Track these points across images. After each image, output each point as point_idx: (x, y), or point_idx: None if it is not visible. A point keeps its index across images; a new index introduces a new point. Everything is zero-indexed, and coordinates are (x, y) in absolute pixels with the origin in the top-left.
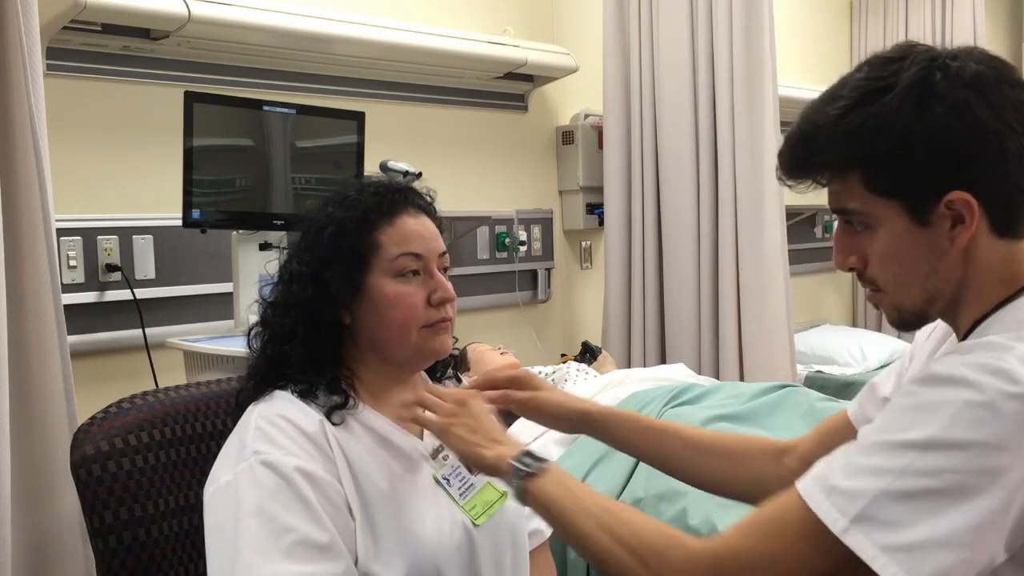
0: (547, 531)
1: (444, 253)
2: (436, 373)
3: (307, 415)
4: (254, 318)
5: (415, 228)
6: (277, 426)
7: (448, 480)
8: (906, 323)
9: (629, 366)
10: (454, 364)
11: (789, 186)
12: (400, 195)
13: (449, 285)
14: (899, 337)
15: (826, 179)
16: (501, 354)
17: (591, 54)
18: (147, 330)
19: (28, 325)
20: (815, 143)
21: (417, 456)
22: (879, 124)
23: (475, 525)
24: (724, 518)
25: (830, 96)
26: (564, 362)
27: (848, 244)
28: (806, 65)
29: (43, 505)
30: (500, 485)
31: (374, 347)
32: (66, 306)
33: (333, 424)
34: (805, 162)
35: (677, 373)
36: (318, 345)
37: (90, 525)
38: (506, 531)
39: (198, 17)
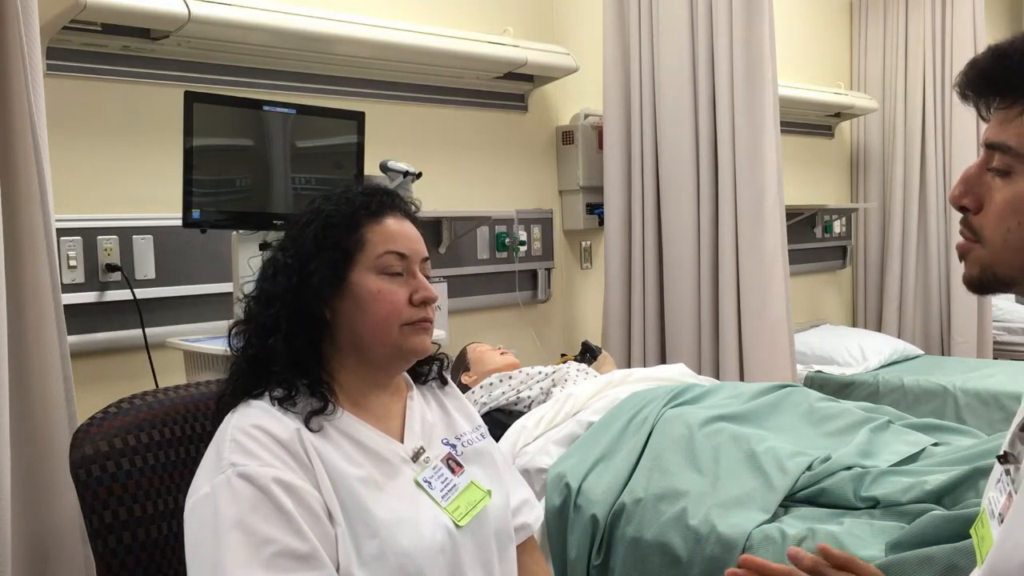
0: (535, 525)
1: (427, 259)
2: (421, 378)
3: (282, 424)
4: (238, 314)
5: (400, 230)
6: (252, 437)
7: (430, 483)
8: (986, 286)
9: (629, 366)
10: (440, 367)
11: (959, 95)
12: (388, 198)
13: (431, 287)
14: (899, 337)
15: (1002, 105)
16: (501, 354)
17: (591, 54)
18: (147, 330)
19: (28, 325)
20: (1021, 62)
21: (397, 460)
22: None
23: (458, 526)
24: (723, 518)
25: None
26: (564, 362)
27: (973, 181)
28: (806, 65)
29: (43, 505)
30: (484, 484)
31: (354, 345)
32: (66, 306)
33: (311, 431)
34: (996, 77)
35: (677, 373)
36: (300, 341)
37: (89, 526)
38: (491, 529)
39: (198, 17)
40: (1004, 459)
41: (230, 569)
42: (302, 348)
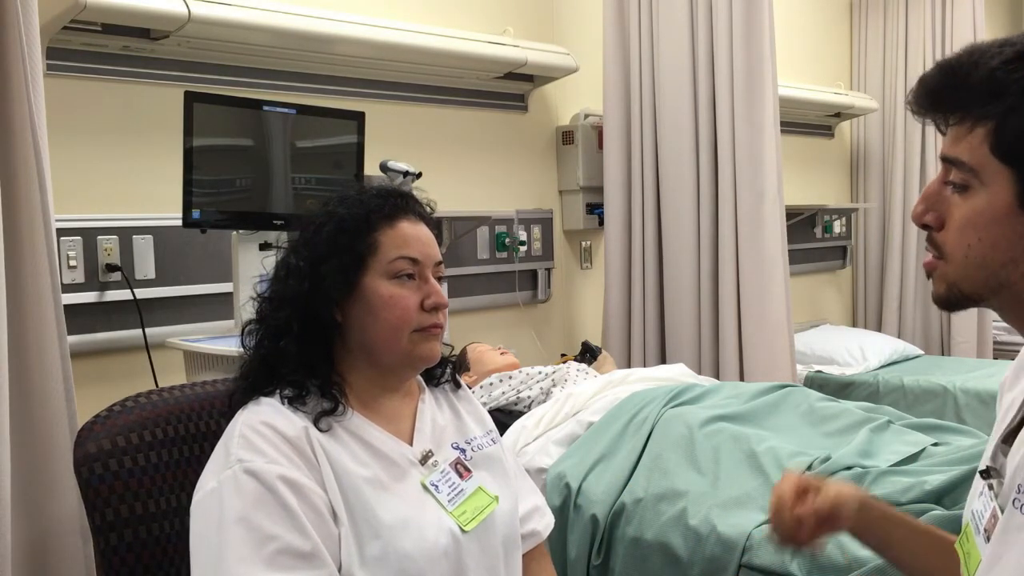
0: (544, 532)
1: (440, 263)
2: (433, 380)
3: (291, 421)
4: (248, 315)
5: (414, 233)
6: (261, 433)
7: (436, 486)
8: (953, 303)
9: (629, 366)
10: (454, 368)
11: (913, 112)
12: (402, 200)
13: (443, 293)
14: (899, 337)
15: (954, 121)
16: (501, 354)
17: (591, 54)
18: (147, 330)
19: (28, 325)
20: (967, 79)
21: (405, 463)
22: None
23: (464, 531)
24: (723, 518)
25: (1006, 41)
26: (564, 362)
27: (934, 199)
28: (806, 65)
29: (43, 505)
30: (492, 489)
31: (364, 349)
32: (66, 306)
33: (320, 430)
34: (945, 95)
35: (677, 373)
36: (312, 343)
37: (91, 523)
38: (497, 535)
39: (198, 17)
40: (987, 474)
41: (232, 564)
42: (313, 350)
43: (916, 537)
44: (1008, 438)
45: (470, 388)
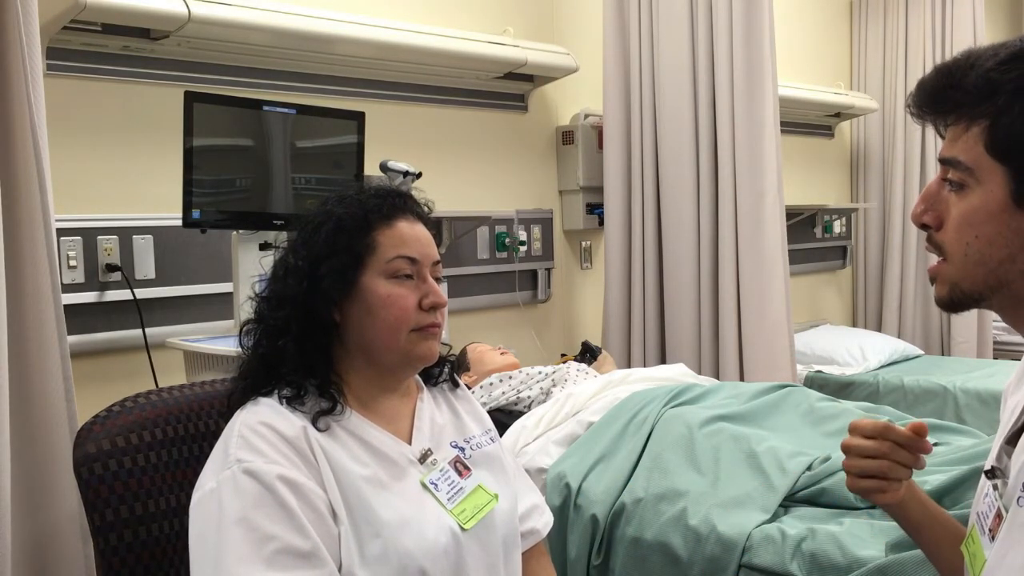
0: (543, 531)
1: (438, 262)
2: (431, 380)
3: (289, 421)
4: (247, 315)
5: (411, 233)
6: (259, 434)
7: (436, 485)
8: (956, 303)
9: (629, 366)
10: (452, 368)
11: (912, 115)
12: (400, 200)
13: (441, 292)
14: (899, 337)
15: (951, 122)
16: (501, 354)
17: (591, 54)
18: (147, 330)
19: (28, 325)
20: (963, 80)
21: (404, 462)
22: None
23: (463, 529)
24: (723, 518)
25: (1002, 44)
26: (564, 362)
27: (933, 199)
28: (806, 65)
29: (43, 505)
30: (492, 488)
31: (362, 349)
32: (66, 306)
33: (319, 430)
34: (942, 96)
35: (677, 373)
36: (310, 343)
37: (91, 523)
38: (497, 534)
39: (198, 17)
40: (991, 474)
41: (231, 565)
42: (312, 350)
43: (945, 532)
44: (1012, 439)
45: (470, 388)
